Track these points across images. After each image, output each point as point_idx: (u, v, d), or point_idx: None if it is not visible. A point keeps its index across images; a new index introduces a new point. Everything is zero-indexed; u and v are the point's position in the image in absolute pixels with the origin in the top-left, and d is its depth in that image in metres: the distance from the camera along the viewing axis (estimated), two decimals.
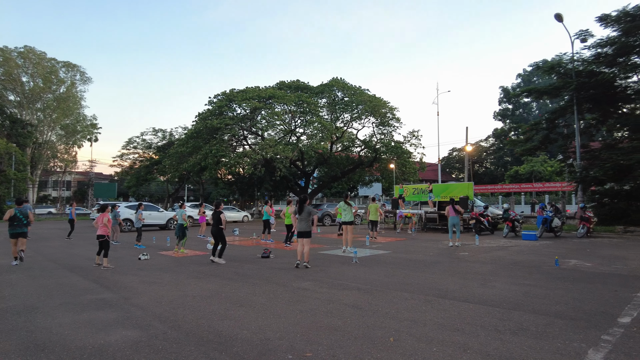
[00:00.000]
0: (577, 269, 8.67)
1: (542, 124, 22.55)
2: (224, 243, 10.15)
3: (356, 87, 33.22)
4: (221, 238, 10.06)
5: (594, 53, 19.38)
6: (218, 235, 10.06)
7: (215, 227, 10.07)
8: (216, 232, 10.08)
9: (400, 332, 4.54)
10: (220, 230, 10.06)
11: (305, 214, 9.25)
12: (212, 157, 27.99)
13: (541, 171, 40.35)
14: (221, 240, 10.08)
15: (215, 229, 10.07)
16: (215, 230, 10.08)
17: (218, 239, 10.10)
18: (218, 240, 10.11)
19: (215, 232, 10.09)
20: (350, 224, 11.88)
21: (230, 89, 31.74)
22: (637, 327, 4.64)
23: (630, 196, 19.66)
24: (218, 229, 10.05)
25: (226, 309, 5.62)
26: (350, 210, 11.91)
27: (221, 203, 10.59)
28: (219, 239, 10.09)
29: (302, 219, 9.25)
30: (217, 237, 10.10)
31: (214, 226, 10.10)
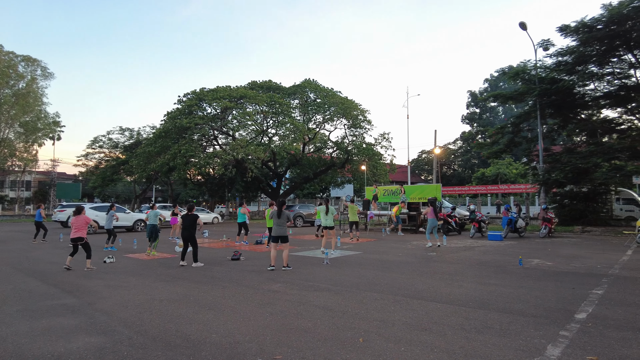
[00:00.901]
0: (539, 268, 9.01)
1: (508, 127, 23.35)
2: (195, 245, 9.88)
3: (328, 89, 33.39)
4: (192, 241, 9.81)
5: (555, 61, 20.25)
6: (189, 238, 9.81)
7: (188, 230, 9.81)
8: (188, 236, 9.82)
9: (369, 333, 4.59)
10: (192, 234, 9.81)
11: (284, 218, 9.21)
12: (181, 157, 27.45)
13: (507, 173, 41.73)
14: (192, 244, 9.83)
15: (187, 233, 9.80)
16: (187, 234, 9.81)
17: (189, 242, 9.87)
18: (189, 243, 9.89)
19: (187, 236, 9.82)
20: (331, 229, 11.90)
21: (200, 88, 31.22)
22: (592, 323, 4.87)
23: (588, 198, 20.65)
24: (190, 232, 9.80)
25: (194, 313, 5.52)
26: (331, 215, 11.96)
27: (194, 206, 10.39)
28: (190, 242, 9.85)
29: (279, 223, 9.18)
30: (187, 241, 9.87)
31: (186, 230, 9.83)
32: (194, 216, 9.90)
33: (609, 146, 18.83)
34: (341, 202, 32.84)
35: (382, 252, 12.28)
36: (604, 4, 17.74)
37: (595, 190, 20.56)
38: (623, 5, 16.72)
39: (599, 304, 5.74)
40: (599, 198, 20.96)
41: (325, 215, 11.73)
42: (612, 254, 11.21)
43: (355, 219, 15.97)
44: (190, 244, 9.86)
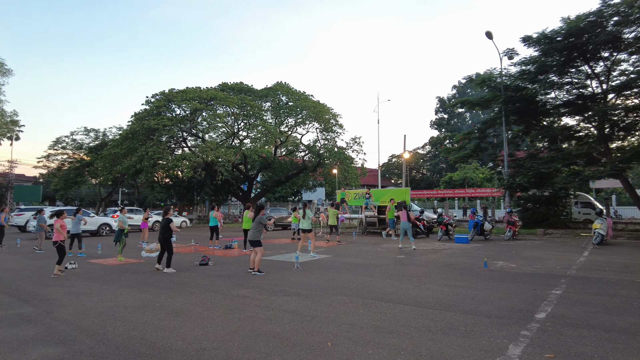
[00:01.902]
0: (503, 270, 9.30)
1: (474, 133, 24.02)
2: (170, 251, 9.67)
3: (300, 93, 33.42)
4: (167, 246, 9.61)
5: (519, 70, 21.00)
6: (164, 243, 9.61)
7: (162, 234, 9.62)
8: (162, 240, 9.62)
9: (338, 337, 4.61)
10: (167, 238, 9.62)
11: (256, 223, 9.19)
12: (149, 160, 26.77)
13: (473, 178, 42.93)
14: (167, 248, 9.62)
15: (162, 237, 9.61)
16: (162, 238, 9.63)
17: (164, 246, 9.65)
18: (164, 248, 9.66)
19: (162, 240, 9.63)
20: (309, 232, 12.01)
21: (169, 89, 30.57)
22: (551, 322, 5.07)
23: (549, 201, 21.52)
24: (164, 236, 9.60)
25: (160, 320, 5.38)
26: (309, 218, 12.10)
27: (169, 210, 10.14)
28: (165, 246, 9.64)
29: (253, 227, 9.17)
30: (163, 245, 9.65)
31: (161, 234, 9.63)
32: (166, 220, 9.70)
33: (568, 152, 19.69)
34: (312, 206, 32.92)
35: (353, 255, 12.37)
36: (563, 17, 18.62)
37: (556, 195, 21.45)
38: (580, 19, 17.56)
39: (557, 304, 5.98)
40: (559, 202, 21.88)
41: (304, 218, 11.92)
42: (570, 255, 11.72)
43: (334, 223, 16.10)
44: (165, 248, 9.64)
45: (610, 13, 17.27)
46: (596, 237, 14.26)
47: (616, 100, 19.21)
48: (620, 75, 19.00)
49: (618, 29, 17.03)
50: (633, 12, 16.61)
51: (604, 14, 17.35)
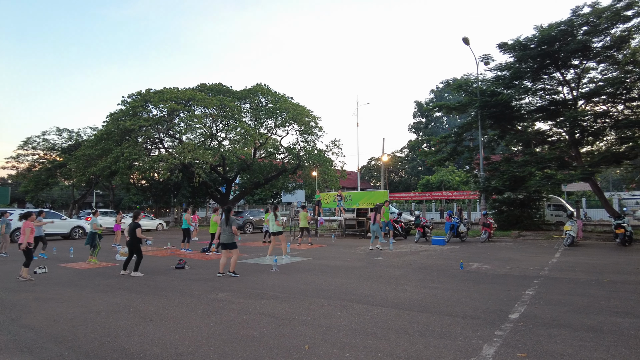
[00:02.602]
0: (478, 271, 9.47)
1: (451, 137, 24.45)
2: (140, 255, 9.54)
3: (280, 94, 33.33)
4: (136, 250, 9.47)
5: (494, 75, 21.52)
6: (133, 247, 9.45)
7: (131, 238, 9.46)
8: (131, 244, 9.46)
9: (315, 339, 4.60)
10: (136, 242, 9.46)
11: (230, 225, 9.11)
12: (124, 161, 26.20)
13: (450, 180, 43.65)
14: (137, 252, 9.48)
15: (131, 241, 9.46)
16: (131, 242, 9.46)
17: (133, 250, 9.48)
18: (133, 252, 9.47)
19: (131, 244, 9.46)
20: (279, 234, 11.86)
21: (146, 89, 30.02)
22: (524, 322, 5.19)
23: (523, 204, 22.06)
24: (134, 241, 9.44)
25: (134, 325, 5.26)
26: (280, 221, 11.95)
27: (140, 214, 9.95)
28: (134, 251, 9.47)
29: (226, 230, 9.07)
30: (132, 249, 9.48)
31: (131, 238, 9.48)
32: (133, 225, 9.52)
33: (542, 156, 20.24)
34: (292, 208, 32.85)
35: (331, 257, 12.38)
36: (536, 25, 19.19)
37: (529, 197, 22.01)
38: (552, 28, 18.13)
39: (530, 304, 6.12)
40: (532, 204, 22.45)
41: (274, 221, 11.71)
42: (543, 256, 12.03)
43: (306, 225, 16.03)
44: (134, 253, 9.48)
45: (580, 23, 17.89)
46: (567, 239, 14.68)
47: (586, 106, 19.89)
48: (589, 82, 19.71)
49: (587, 38, 17.65)
50: (601, 22, 17.26)
51: (574, 23, 17.96)
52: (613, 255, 12.08)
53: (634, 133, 18.36)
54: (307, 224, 16.23)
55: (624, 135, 18.47)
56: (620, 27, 17.49)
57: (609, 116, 19.26)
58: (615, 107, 19.55)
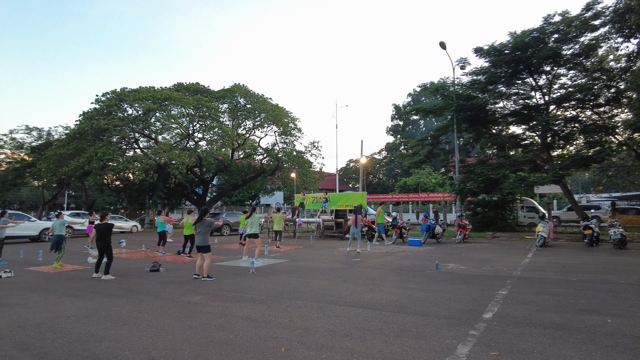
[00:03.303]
0: (453, 272, 9.63)
1: (428, 140, 24.83)
2: (110, 257, 9.31)
3: (259, 95, 33.15)
4: (108, 252, 9.23)
5: (470, 80, 21.97)
6: (105, 249, 9.22)
7: (102, 240, 9.21)
8: (103, 246, 9.22)
9: (291, 342, 4.57)
10: (108, 244, 9.24)
11: (205, 227, 8.94)
12: (98, 161, 25.53)
13: (426, 183, 44.28)
14: (107, 254, 9.24)
15: (102, 243, 9.21)
16: (102, 244, 9.21)
17: (104, 253, 9.24)
18: (104, 254, 9.23)
19: (102, 246, 9.22)
20: (255, 237, 11.62)
21: (121, 88, 29.38)
22: (497, 321, 5.30)
23: (497, 206, 22.58)
24: (105, 242, 9.21)
25: (106, 329, 5.11)
26: (256, 223, 11.70)
27: (108, 214, 9.67)
28: (105, 253, 9.23)
29: (201, 232, 8.91)
30: (103, 251, 9.24)
31: (100, 239, 9.23)
32: (108, 225, 9.28)
33: (515, 159, 20.79)
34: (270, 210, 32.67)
35: (309, 259, 12.37)
36: (510, 31, 19.73)
37: (503, 199, 22.54)
38: (525, 34, 18.67)
39: (503, 304, 6.26)
40: (506, 206, 23.01)
41: (250, 223, 11.55)
42: (516, 257, 12.33)
43: (279, 228, 15.73)
44: (105, 255, 9.24)
45: (551, 30, 18.49)
46: (539, 240, 15.10)
47: (557, 111, 20.55)
48: (560, 88, 20.38)
49: (558, 45, 18.25)
50: (570, 30, 17.88)
51: (545, 31, 18.54)
52: (581, 256, 12.49)
53: (601, 138, 19.08)
54: (281, 227, 15.94)
55: (592, 139, 19.16)
56: (588, 35, 18.18)
57: (578, 121, 19.96)
58: (584, 113, 20.28)
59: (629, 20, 12.90)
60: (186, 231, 13.33)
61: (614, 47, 18.44)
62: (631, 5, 12.93)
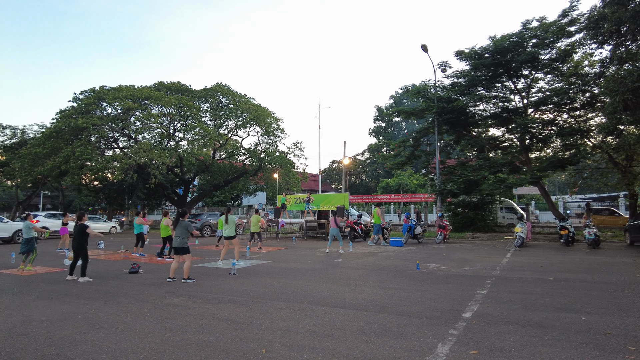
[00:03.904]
0: (434, 272, 9.74)
1: (409, 141, 25.08)
2: (86, 259, 9.10)
3: (241, 95, 32.91)
4: (83, 253, 9.02)
5: (451, 82, 22.30)
6: (80, 250, 9.00)
7: (77, 241, 9.01)
8: (78, 247, 9.01)
9: (273, 343, 4.55)
10: (83, 244, 9.03)
11: (182, 229, 8.73)
12: (75, 161, 24.92)
13: (408, 184, 44.69)
14: (82, 256, 9.03)
15: (77, 244, 9.01)
16: (77, 245, 9.00)
17: (80, 254, 9.02)
18: (79, 255, 9.02)
19: (77, 247, 9.01)
20: (232, 238, 11.38)
21: (100, 86, 28.78)
22: (476, 320, 5.38)
23: (477, 207, 22.97)
24: (80, 243, 9.01)
25: (82, 333, 4.99)
26: (232, 224, 11.45)
27: (85, 214, 9.45)
28: (80, 254, 9.02)
29: (178, 234, 8.71)
30: (78, 252, 9.03)
31: (75, 240, 9.02)
32: (83, 226, 9.09)
33: (495, 161, 21.19)
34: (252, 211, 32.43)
35: (291, 260, 12.34)
36: (490, 35, 20.12)
37: (483, 200, 22.96)
38: (504, 39, 19.06)
39: (482, 303, 6.36)
40: (486, 207, 23.43)
41: (226, 224, 11.32)
42: (495, 257, 12.56)
43: (257, 230, 15.31)
44: (80, 257, 9.03)
45: (530, 35, 18.93)
46: (517, 240, 15.42)
47: (535, 114, 21.03)
48: (538, 92, 20.89)
49: (536, 50, 18.69)
50: (548, 36, 18.34)
51: (524, 35, 18.96)
52: (558, 255, 12.80)
53: (576, 140, 19.61)
54: (259, 229, 15.68)
55: (568, 142, 19.68)
56: (564, 41, 18.68)
57: (555, 124, 20.47)
58: (560, 116, 20.82)
59: (602, 27, 13.30)
60: (163, 233, 13.08)
61: (589, 53, 19.01)
62: (604, 13, 13.33)
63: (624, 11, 12.47)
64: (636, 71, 11.77)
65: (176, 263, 8.74)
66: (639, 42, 13.31)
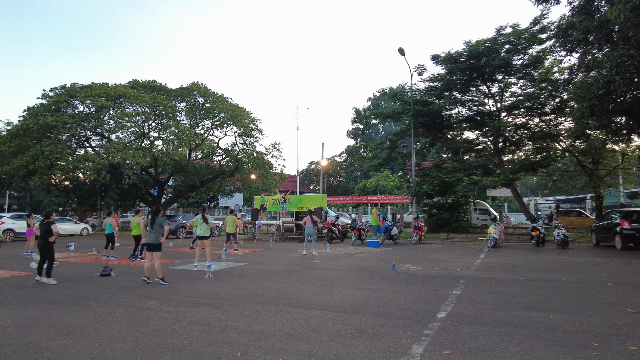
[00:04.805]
0: (409, 272, 9.86)
1: (386, 143, 25.36)
2: (52, 259, 8.82)
3: (218, 94, 32.54)
4: (49, 253, 8.73)
5: (427, 86, 22.69)
6: (45, 249, 8.71)
7: (43, 240, 8.71)
8: (43, 246, 8.72)
9: (248, 346, 4.50)
10: (49, 244, 8.72)
11: (157, 226, 8.72)
12: (44, 160, 24.11)
13: (385, 185, 45.14)
14: (48, 256, 8.74)
15: (43, 243, 8.71)
16: (42, 244, 8.71)
17: (45, 254, 8.73)
18: (45, 255, 8.72)
19: (42, 246, 8.72)
20: (206, 239, 11.23)
21: (71, 83, 27.95)
22: (450, 320, 5.47)
23: (452, 208, 23.39)
24: (46, 242, 8.71)
25: (48, 339, 4.81)
26: (207, 225, 11.25)
27: (52, 213, 9.14)
28: (46, 254, 8.73)
29: (152, 231, 8.68)
30: (44, 252, 8.73)
31: (42, 239, 8.73)
32: (49, 223, 8.81)
33: (469, 163, 21.64)
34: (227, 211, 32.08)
35: (268, 262, 12.26)
36: (466, 40, 20.58)
37: (457, 202, 23.41)
38: (479, 44, 19.51)
39: (456, 303, 6.47)
40: (460, 208, 23.89)
41: (201, 225, 11.19)
42: (469, 258, 12.80)
43: (232, 231, 15.16)
44: (46, 256, 8.74)
45: (503, 41, 19.45)
46: (491, 241, 15.77)
47: (508, 118, 21.61)
48: (511, 96, 21.48)
49: (509, 55, 19.22)
50: (520, 42, 18.89)
51: (498, 41, 19.47)
52: (529, 256, 13.16)
53: (547, 144, 20.26)
54: (234, 229, 15.56)
55: (539, 145, 20.30)
56: (536, 48, 19.28)
57: (527, 128, 21.08)
58: (532, 120, 21.47)
59: (571, 36, 13.79)
60: (134, 232, 12.85)
61: (558, 60, 19.69)
62: (573, 22, 13.82)
63: (590, 21, 12.95)
64: (602, 78, 12.23)
65: (149, 262, 8.64)
66: (605, 50, 13.84)
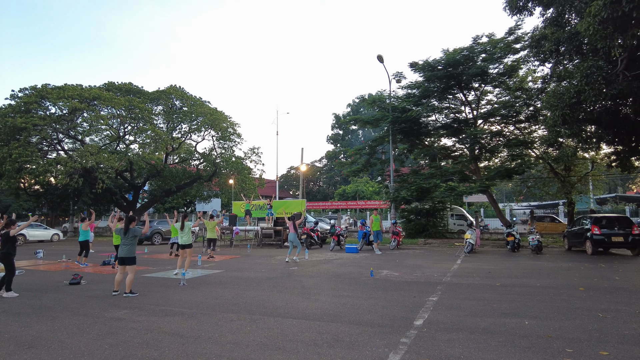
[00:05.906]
0: (387, 279, 9.84)
1: (365, 149, 25.48)
2: (11, 271, 8.09)
3: (196, 98, 32.13)
4: (7, 263, 8.01)
5: (405, 93, 22.92)
6: (4, 259, 8.03)
7: (3, 250, 8.09)
8: (2, 257, 8.04)
9: (221, 357, 4.37)
10: (9, 254, 8.05)
11: (130, 236, 8.07)
12: (12, 163, 23.24)
13: (364, 191, 45.41)
14: (7, 267, 8.01)
15: (2, 253, 8.06)
16: (1, 255, 8.05)
17: (4, 265, 8.06)
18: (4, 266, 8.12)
19: (1, 257, 8.05)
20: (189, 247, 10.80)
21: (43, 84, 27.07)
22: (427, 328, 5.45)
23: (429, 214, 23.64)
24: (6, 252, 8.06)
25: (8, 354, 4.56)
26: (188, 232, 10.91)
27: (14, 222, 8.59)
28: (5, 264, 8.05)
29: (126, 242, 8.03)
30: (2, 263, 8.10)
31: (2, 249, 8.11)
32: (7, 233, 8.17)
33: (446, 169, 21.93)
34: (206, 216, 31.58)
35: (245, 269, 12.06)
36: (443, 48, 20.90)
37: (435, 207, 23.67)
38: (456, 52, 19.85)
39: (433, 310, 6.47)
40: (437, 214, 24.17)
41: (181, 232, 10.85)
42: (446, 263, 12.91)
43: (213, 236, 14.85)
44: (5, 267, 8.05)
45: (479, 50, 19.85)
46: (467, 246, 15.96)
47: (484, 125, 22.02)
48: (487, 104, 21.91)
49: (485, 64, 19.61)
50: (496, 51, 19.32)
51: (474, 50, 19.85)
52: (505, 261, 13.36)
53: (521, 151, 20.72)
54: (215, 235, 15.16)
55: (514, 153, 20.74)
56: (511, 57, 19.75)
57: (502, 135, 21.53)
58: (507, 128, 21.94)
59: (544, 46, 14.15)
60: (115, 241, 12.32)
61: (532, 69, 20.21)
62: (545, 33, 14.20)
63: (562, 32, 13.31)
64: (573, 88, 12.57)
65: (120, 275, 8.10)
66: (575, 61, 14.26)
